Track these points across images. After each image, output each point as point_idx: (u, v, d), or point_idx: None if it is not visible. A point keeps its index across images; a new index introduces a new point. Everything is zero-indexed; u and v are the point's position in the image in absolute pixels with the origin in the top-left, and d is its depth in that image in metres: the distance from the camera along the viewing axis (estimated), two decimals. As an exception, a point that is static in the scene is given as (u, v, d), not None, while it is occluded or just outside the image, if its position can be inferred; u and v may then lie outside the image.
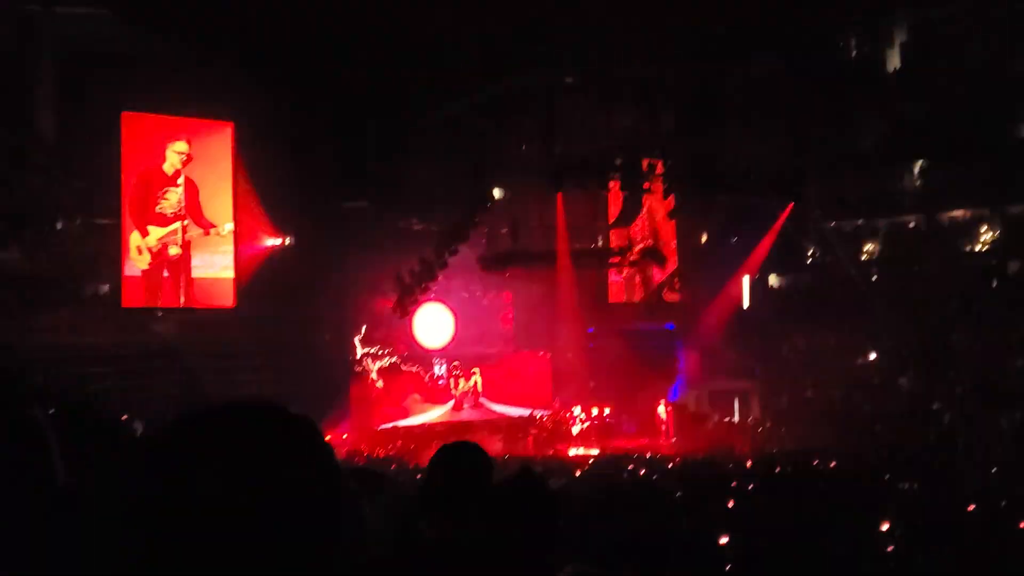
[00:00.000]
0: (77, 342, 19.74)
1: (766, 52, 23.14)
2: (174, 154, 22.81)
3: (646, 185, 25.17)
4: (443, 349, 26.16)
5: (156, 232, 22.60)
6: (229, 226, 23.38)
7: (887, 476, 15.72)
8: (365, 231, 24.30)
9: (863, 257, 26.28)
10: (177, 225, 22.84)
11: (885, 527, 10.68)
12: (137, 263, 22.33)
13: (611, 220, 26.52)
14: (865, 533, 10.29)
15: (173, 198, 22.84)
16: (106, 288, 22.43)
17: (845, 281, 25.05)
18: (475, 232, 25.26)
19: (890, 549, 9.23)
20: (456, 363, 25.66)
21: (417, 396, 24.98)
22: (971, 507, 10.53)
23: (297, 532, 0.99)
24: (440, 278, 24.67)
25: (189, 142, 22.98)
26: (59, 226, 22.08)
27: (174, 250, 22.76)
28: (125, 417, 14.82)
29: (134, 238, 22.32)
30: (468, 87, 23.37)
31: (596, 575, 2.56)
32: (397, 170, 23.83)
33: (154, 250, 22.49)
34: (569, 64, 23.88)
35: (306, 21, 20.75)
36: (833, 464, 17.71)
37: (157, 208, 22.66)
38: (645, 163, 25.05)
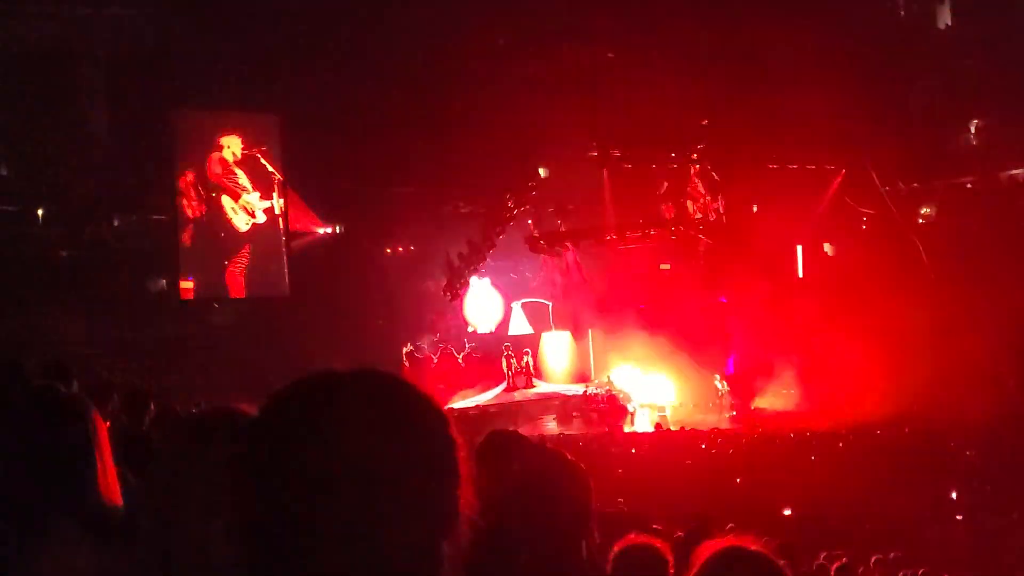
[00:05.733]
0: (138, 336, 20.21)
1: (813, 13, 22.64)
2: (228, 150, 23.20)
3: (694, 156, 24.84)
4: (493, 330, 26.22)
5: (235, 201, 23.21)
6: (269, 203, 23.74)
7: (952, 444, 15.46)
8: (413, 216, 24.41)
9: (920, 220, 25.68)
10: (255, 197, 23.32)
11: (953, 495, 10.51)
12: (236, 222, 22.90)
13: (660, 193, 26.25)
14: (932, 501, 10.14)
15: (243, 175, 23.28)
16: (163, 282, 22.90)
17: (902, 246, 24.51)
18: (522, 212, 25.23)
19: (959, 518, 9.09)
20: (507, 344, 25.70)
21: (470, 378, 25.06)
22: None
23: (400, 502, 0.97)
24: (489, 260, 24.71)
25: (240, 135, 23.33)
26: (116, 223, 22.58)
27: (260, 217, 23.34)
28: (195, 409, 15.11)
29: (227, 202, 22.85)
30: (509, 66, 23.26)
31: (652, 547, 2.55)
32: (442, 153, 23.85)
33: (250, 211, 23.10)
34: (611, 38, 23.62)
35: (346, 8, 20.83)
36: (896, 434, 17.45)
37: (238, 181, 23.20)
38: (692, 134, 24.72)
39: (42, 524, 1.69)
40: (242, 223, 23.36)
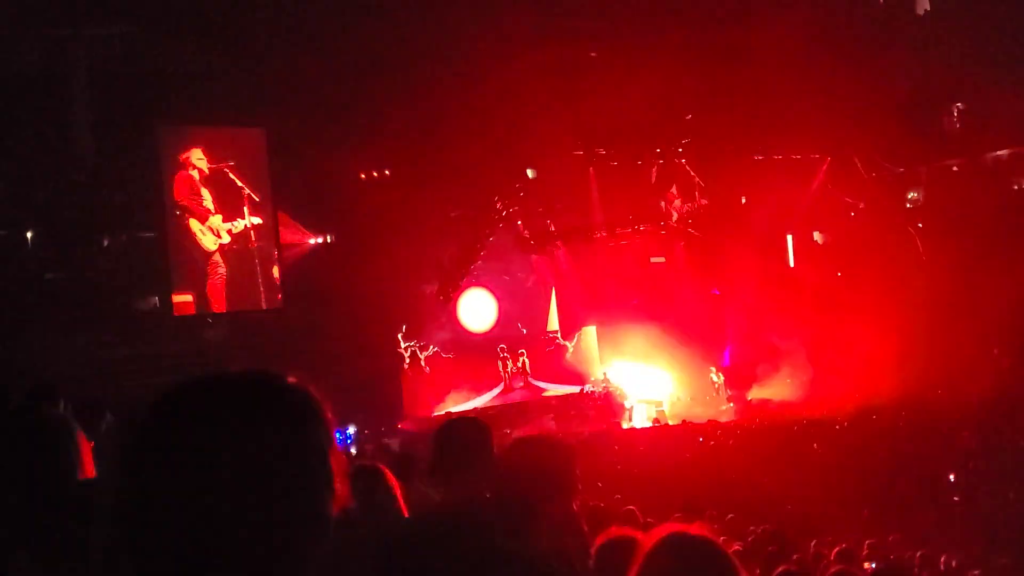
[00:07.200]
0: (131, 354, 20.13)
1: (793, 1, 22.74)
2: (195, 161, 22.95)
3: (680, 151, 24.90)
4: (488, 332, 26.24)
5: (212, 221, 23.02)
6: (257, 219, 23.53)
7: (947, 426, 15.51)
8: (403, 221, 24.37)
9: (907, 205, 25.78)
10: (218, 220, 23.09)
11: (951, 477, 10.55)
12: (204, 243, 22.73)
13: (646, 190, 26.29)
14: (929, 484, 10.18)
15: (208, 196, 23.05)
16: (155, 299, 22.82)
17: (892, 232, 24.61)
18: (511, 214, 25.26)
19: (956, 499, 9.12)
20: (503, 345, 25.71)
21: (466, 381, 25.06)
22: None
23: (271, 503, 0.98)
24: (480, 262, 24.73)
25: (206, 149, 23.04)
26: (104, 243, 22.48)
27: (225, 238, 23.11)
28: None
29: (194, 224, 22.68)
30: (492, 68, 23.27)
31: (633, 540, 2.56)
32: (429, 158, 23.84)
33: (216, 231, 22.89)
34: (592, 37, 23.66)
35: (328, 15, 20.87)
36: (892, 418, 17.51)
37: (203, 204, 22.95)
38: (676, 129, 24.78)
39: (23, 542, 1.69)
40: (210, 243, 23.11)
